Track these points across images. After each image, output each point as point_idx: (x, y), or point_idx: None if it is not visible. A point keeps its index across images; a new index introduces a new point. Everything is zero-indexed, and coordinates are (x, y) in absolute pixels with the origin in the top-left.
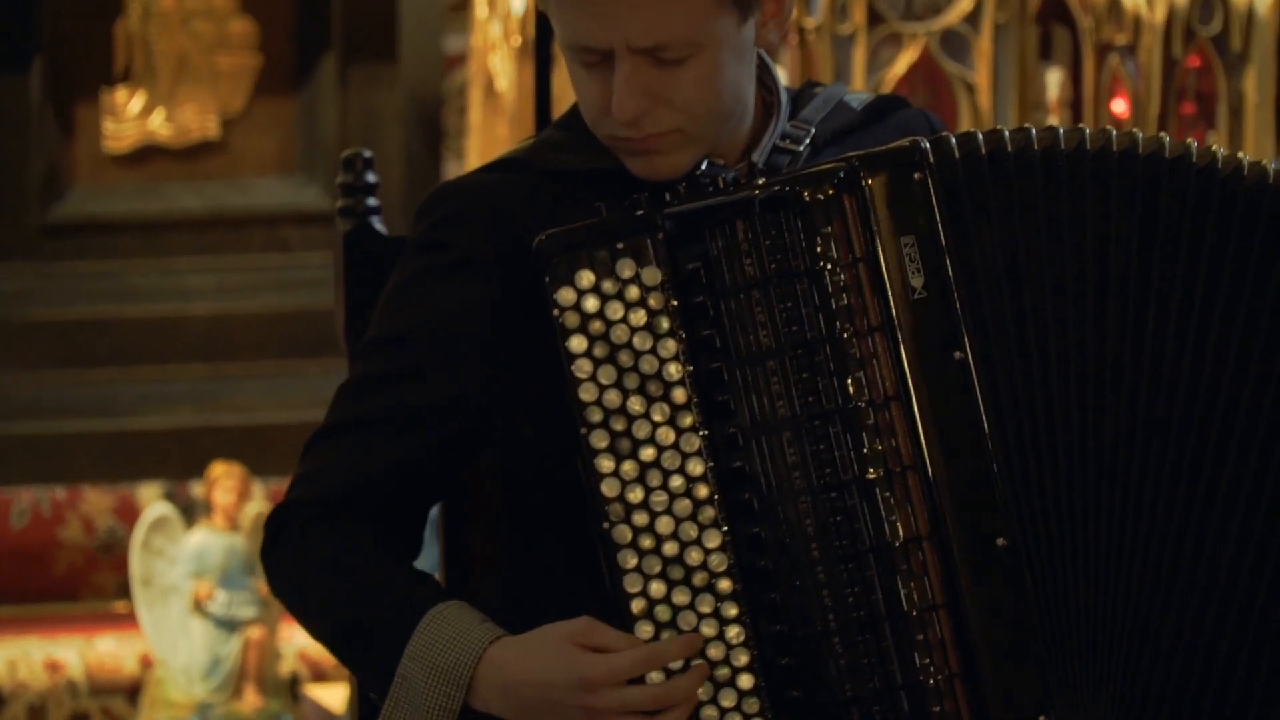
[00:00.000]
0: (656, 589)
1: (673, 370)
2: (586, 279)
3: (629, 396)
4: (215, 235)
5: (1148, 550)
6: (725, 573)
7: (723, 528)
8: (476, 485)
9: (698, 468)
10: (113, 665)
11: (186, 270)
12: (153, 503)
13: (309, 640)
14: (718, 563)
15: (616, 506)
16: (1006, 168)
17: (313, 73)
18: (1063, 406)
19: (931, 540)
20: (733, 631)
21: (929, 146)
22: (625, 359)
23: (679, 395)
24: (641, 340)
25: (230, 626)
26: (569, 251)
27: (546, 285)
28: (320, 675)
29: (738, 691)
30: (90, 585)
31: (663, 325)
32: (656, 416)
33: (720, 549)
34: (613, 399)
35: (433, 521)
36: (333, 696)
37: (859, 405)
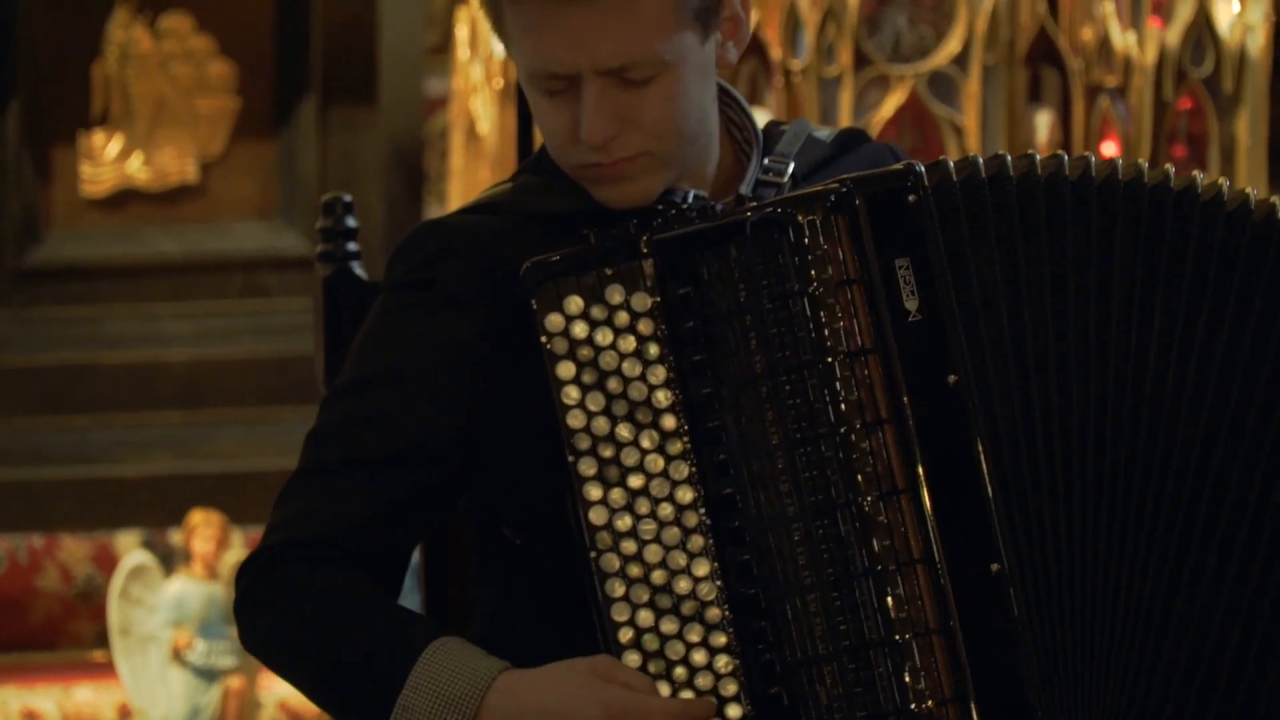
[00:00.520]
0: (644, 617)
1: (661, 397)
2: (575, 305)
3: (617, 423)
4: (194, 280)
5: (1145, 577)
6: (714, 601)
7: (711, 555)
8: (458, 532)
9: (687, 495)
10: (91, 715)
11: (165, 316)
12: (131, 551)
13: (290, 690)
14: (706, 591)
15: (604, 534)
16: (1009, 192)
17: (292, 116)
18: (1060, 432)
19: (925, 565)
20: (721, 661)
21: (924, 170)
22: (614, 385)
23: (668, 422)
24: (630, 366)
25: (210, 676)
26: (557, 277)
27: (534, 311)
28: None
29: None
30: (68, 634)
31: (652, 351)
32: (645, 443)
33: (709, 577)
34: (601, 426)
35: (414, 570)
36: None
37: (852, 430)
